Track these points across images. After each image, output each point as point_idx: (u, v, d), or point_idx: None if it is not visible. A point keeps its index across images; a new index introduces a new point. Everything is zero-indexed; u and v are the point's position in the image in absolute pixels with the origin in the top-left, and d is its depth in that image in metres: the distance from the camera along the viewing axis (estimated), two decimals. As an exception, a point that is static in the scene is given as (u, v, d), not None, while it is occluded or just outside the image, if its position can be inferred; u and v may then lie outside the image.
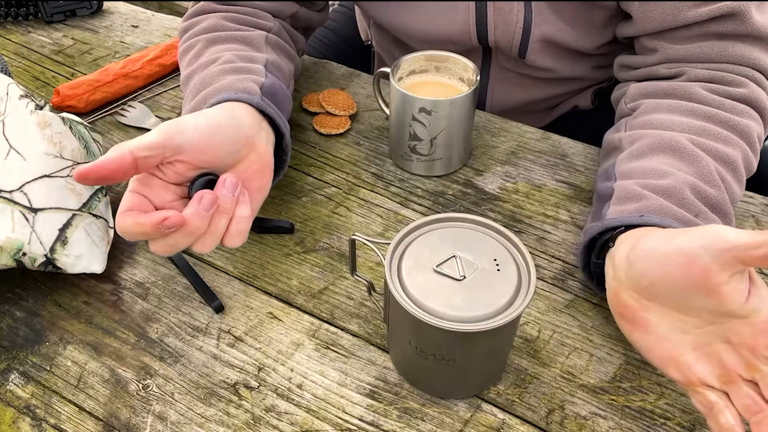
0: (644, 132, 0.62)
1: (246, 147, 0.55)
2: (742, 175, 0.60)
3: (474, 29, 0.78)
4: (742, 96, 0.62)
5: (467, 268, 0.49)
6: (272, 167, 0.58)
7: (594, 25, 0.76)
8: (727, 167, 0.58)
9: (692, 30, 0.65)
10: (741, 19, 0.62)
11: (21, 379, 0.55)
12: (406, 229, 0.51)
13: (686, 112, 0.62)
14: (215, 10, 0.73)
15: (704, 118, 0.61)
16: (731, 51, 0.64)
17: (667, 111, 0.63)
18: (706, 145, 0.59)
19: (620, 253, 0.50)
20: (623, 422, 0.52)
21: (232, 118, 0.55)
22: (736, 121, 0.61)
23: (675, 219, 0.53)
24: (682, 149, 0.58)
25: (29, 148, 0.61)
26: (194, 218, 0.48)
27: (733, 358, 0.44)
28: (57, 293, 0.62)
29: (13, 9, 0.96)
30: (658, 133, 0.61)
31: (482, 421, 0.52)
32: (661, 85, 0.66)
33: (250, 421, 0.52)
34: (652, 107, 0.65)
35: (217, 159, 0.52)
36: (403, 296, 0.47)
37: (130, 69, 0.84)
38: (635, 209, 0.54)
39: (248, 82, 0.61)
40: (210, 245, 0.50)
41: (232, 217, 0.51)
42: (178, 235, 0.48)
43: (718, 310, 0.43)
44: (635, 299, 0.48)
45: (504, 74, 0.86)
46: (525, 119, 0.83)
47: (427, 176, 0.73)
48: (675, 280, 0.44)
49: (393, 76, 0.69)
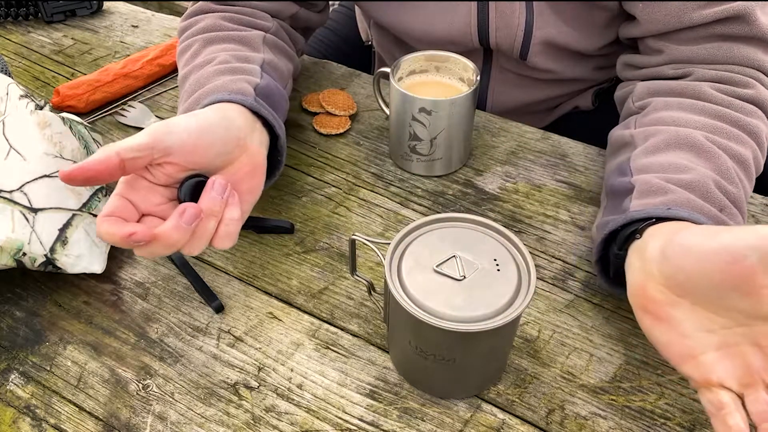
0: (658, 128, 0.61)
1: (237, 148, 0.54)
2: (753, 175, 0.60)
3: (475, 31, 0.78)
4: (750, 97, 0.62)
5: (467, 268, 0.49)
6: (264, 169, 0.58)
7: (595, 26, 0.76)
8: (741, 166, 0.58)
9: (698, 31, 0.64)
10: (746, 20, 0.62)
11: (21, 379, 0.55)
12: (406, 229, 0.51)
13: (697, 111, 0.62)
14: (214, 10, 0.73)
15: (716, 116, 0.61)
16: (737, 53, 0.63)
17: (678, 109, 0.63)
18: (721, 143, 0.58)
19: (652, 246, 0.49)
20: (623, 422, 0.52)
21: (224, 119, 0.55)
22: (746, 121, 0.61)
23: (702, 213, 0.52)
24: (699, 146, 0.58)
25: (29, 148, 0.61)
26: (174, 232, 0.48)
27: (759, 362, 0.43)
28: (57, 293, 0.62)
29: (13, 9, 0.96)
30: (674, 129, 0.60)
31: (482, 421, 0.52)
32: (669, 84, 0.66)
33: (250, 421, 0.52)
34: (662, 105, 0.64)
35: (206, 160, 0.52)
36: (403, 296, 0.47)
37: (130, 69, 0.84)
38: (661, 202, 0.53)
39: (242, 83, 0.61)
40: (197, 248, 0.50)
41: (221, 220, 0.51)
42: (156, 246, 0.48)
43: (754, 313, 0.43)
44: (664, 294, 0.47)
45: (504, 75, 0.86)
46: (525, 120, 0.83)
47: (427, 176, 0.73)
48: (714, 278, 0.43)
49: (393, 76, 0.69)
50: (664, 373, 0.55)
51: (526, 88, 0.87)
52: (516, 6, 0.74)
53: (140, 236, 0.46)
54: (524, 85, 0.86)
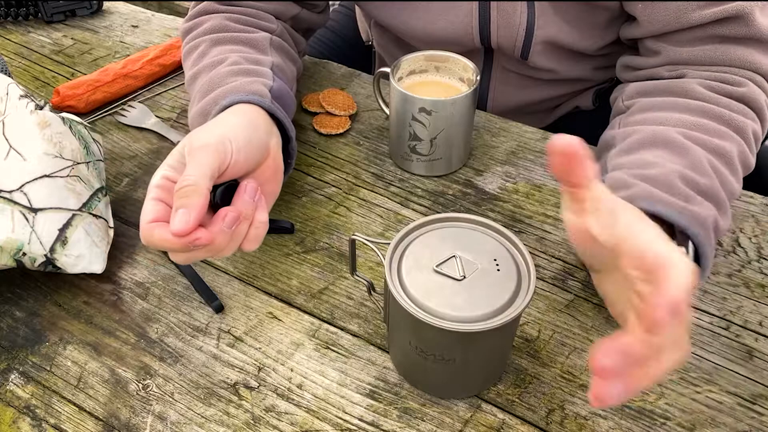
0: (636, 128, 0.62)
1: (265, 152, 0.55)
2: (737, 168, 0.60)
3: (476, 30, 0.78)
4: (739, 94, 0.62)
5: (467, 268, 0.49)
6: (282, 171, 0.58)
7: (596, 26, 0.76)
8: (721, 159, 0.58)
9: (696, 32, 0.65)
10: (745, 21, 0.62)
11: (21, 379, 0.55)
12: (406, 229, 0.51)
13: (681, 109, 0.62)
14: (218, 10, 0.73)
15: (698, 113, 0.61)
16: (733, 54, 0.64)
17: (661, 109, 0.63)
18: (698, 138, 0.59)
19: None
20: (623, 422, 0.52)
21: (251, 124, 0.55)
22: (730, 116, 0.61)
23: (665, 204, 0.53)
24: (673, 142, 0.59)
25: (29, 148, 0.61)
26: (218, 236, 0.48)
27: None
28: (57, 293, 0.62)
29: (13, 9, 0.96)
30: (651, 128, 0.61)
31: (482, 421, 0.52)
32: (658, 84, 0.66)
33: (250, 421, 0.52)
34: (647, 105, 0.65)
35: (246, 168, 0.53)
36: (403, 296, 0.47)
37: (130, 69, 0.84)
38: (624, 196, 0.54)
39: (258, 85, 0.61)
40: (229, 251, 0.50)
41: (251, 223, 0.51)
42: (201, 251, 0.48)
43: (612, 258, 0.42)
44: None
45: (505, 75, 0.86)
46: (526, 120, 0.83)
47: (427, 176, 0.73)
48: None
49: (393, 76, 0.69)
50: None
51: (526, 87, 0.87)
52: (518, 6, 0.74)
53: (204, 240, 0.46)
54: (525, 84, 0.86)
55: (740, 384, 0.54)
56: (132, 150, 0.77)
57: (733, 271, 0.63)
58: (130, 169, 0.74)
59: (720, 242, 0.65)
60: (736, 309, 0.60)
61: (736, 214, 0.68)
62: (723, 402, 0.53)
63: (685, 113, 0.62)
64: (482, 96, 0.89)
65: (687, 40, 0.66)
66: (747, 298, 0.61)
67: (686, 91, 0.63)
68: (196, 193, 0.46)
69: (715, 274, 0.63)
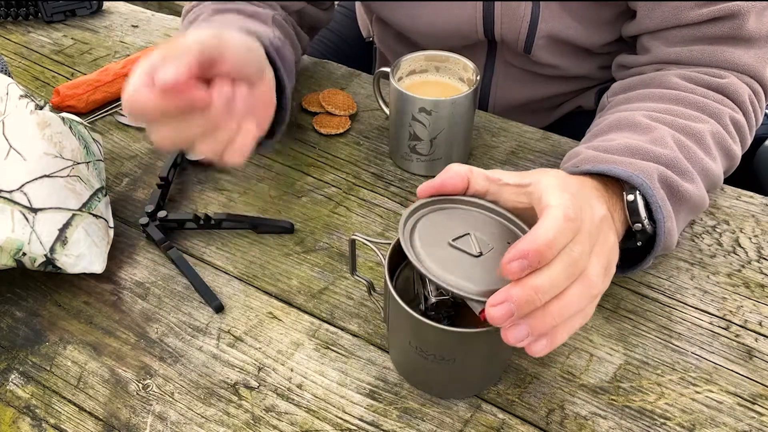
0: (606, 116, 0.64)
1: (261, 69, 0.55)
2: (709, 147, 0.59)
3: (480, 22, 0.78)
4: (717, 85, 0.63)
5: (483, 246, 0.47)
6: (273, 110, 0.58)
7: (601, 22, 0.76)
8: (689, 137, 0.58)
9: (688, 31, 0.65)
10: (738, 21, 0.63)
11: (21, 379, 0.55)
12: (414, 205, 0.49)
13: (655, 98, 0.63)
14: None
15: (673, 101, 0.62)
16: (720, 56, 0.64)
17: (637, 100, 0.64)
18: (665, 119, 0.59)
19: None
20: (623, 422, 0.52)
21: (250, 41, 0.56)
22: (705, 102, 0.61)
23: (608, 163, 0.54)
24: (637, 124, 0.59)
25: (29, 148, 0.61)
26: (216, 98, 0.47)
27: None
28: (57, 293, 0.62)
29: (13, 9, 0.96)
30: (618, 114, 0.62)
31: (482, 421, 0.52)
32: (640, 78, 0.67)
33: (250, 421, 0.52)
34: (624, 99, 0.66)
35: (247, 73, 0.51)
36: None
37: (130, 69, 0.84)
38: (572, 164, 0.56)
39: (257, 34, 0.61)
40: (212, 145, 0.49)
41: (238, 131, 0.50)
42: (194, 122, 0.47)
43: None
44: None
45: (508, 70, 0.86)
46: (528, 118, 0.83)
47: (428, 176, 0.73)
48: None
49: (393, 75, 0.69)
50: (664, 373, 0.55)
51: (529, 83, 0.87)
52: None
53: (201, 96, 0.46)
54: (528, 80, 0.86)
55: (740, 384, 0.54)
56: (132, 150, 0.77)
57: (733, 271, 0.63)
58: (130, 169, 0.74)
59: (720, 242, 0.65)
60: (736, 309, 0.60)
61: (736, 214, 0.68)
62: (723, 402, 0.53)
63: (660, 102, 0.62)
64: (485, 91, 0.89)
65: (678, 39, 0.66)
66: (747, 298, 0.61)
67: (662, 83, 0.64)
68: (188, 52, 0.44)
69: (715, 274, 0.63)
